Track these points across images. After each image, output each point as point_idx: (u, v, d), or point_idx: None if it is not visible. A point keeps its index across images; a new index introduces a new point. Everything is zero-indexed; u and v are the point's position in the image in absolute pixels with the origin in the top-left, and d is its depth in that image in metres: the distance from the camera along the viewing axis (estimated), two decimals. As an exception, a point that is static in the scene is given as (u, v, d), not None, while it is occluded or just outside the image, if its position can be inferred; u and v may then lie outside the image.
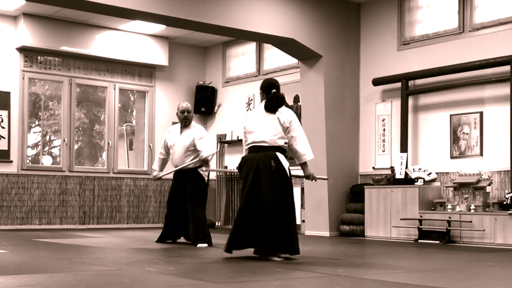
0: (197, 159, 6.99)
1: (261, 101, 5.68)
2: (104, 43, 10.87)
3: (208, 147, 7.06)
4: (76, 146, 11.36)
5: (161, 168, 7.50)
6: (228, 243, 5.47)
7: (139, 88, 11.65)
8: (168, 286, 3.80)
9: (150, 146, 11.61)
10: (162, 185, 11.66)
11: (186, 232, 7.19)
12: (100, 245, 6.95)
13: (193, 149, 7.06)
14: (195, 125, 7.24)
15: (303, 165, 5.66)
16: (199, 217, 7.00)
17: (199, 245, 6.81)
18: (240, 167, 5.63)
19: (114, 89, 11.29)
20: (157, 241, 7.33)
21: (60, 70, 10.76)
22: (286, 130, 5.48)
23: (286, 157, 5.50)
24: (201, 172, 7.11)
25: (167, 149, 7.40)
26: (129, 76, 11.44)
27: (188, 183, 7.10)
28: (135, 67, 11.46)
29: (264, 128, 5.48)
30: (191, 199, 7.05)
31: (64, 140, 10.76)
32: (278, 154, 5.43)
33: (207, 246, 6.77)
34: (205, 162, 7.00)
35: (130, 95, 12.29)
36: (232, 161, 11.53)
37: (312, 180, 5.80)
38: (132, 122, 12.57)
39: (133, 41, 11.14)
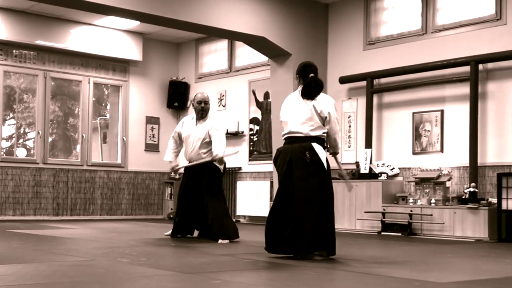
0: (211, 157, 6.45)
1: (298, 87, 5.07)
2: (79, 37, 10.75)
3: (220, 144, 6.44)
4: (50, 139, 11.22)
5: (175, 159, 6.87)
6: (266, 243, 4.94)
7: (113, 82, 11.56)
8: (140, 276, 3.79)
9: (123, 139, 11.53)
10: (135, 178, 11.59)
11: (202, 226, 6.63)
12: (73, 236, 6.89)
13: (208, 141, 6.50)
14: (211, 116, 6.75)
15: (336, 154, 5.19)
16: (218, 209, 6.41)
17: (220, 241, 6.23)
18: (275, 159, 5.08)
19: (89, 83, 11.18)
20: (169, 235, 6.75)
21: (35, 64, 10.62)
22: (324, 119, 4.91)
23: (324, 147, 4.95)
24: (216, 164, 6.52)
25: (179, 141, 6.81)
26: (103, 70, 11.34)
27: (204, 175, 6.50)
28: (109, 61, 11.36)
29: (300, 118, 4.88)
30: (208, 191, 6.46)
31: (39, 133, 10.62)
32: (314, 144, 4.83)
33: (228, 242, 6.21)
34: (219, 161, 6.45)
35: (104, 89, 12.18)
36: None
37: (342, 178, 5.18)
38: (106, 116, 12.45)
39: (108, 36, 11.04)
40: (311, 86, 4.92)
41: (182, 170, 6.94)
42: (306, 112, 4.87)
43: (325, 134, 4.93)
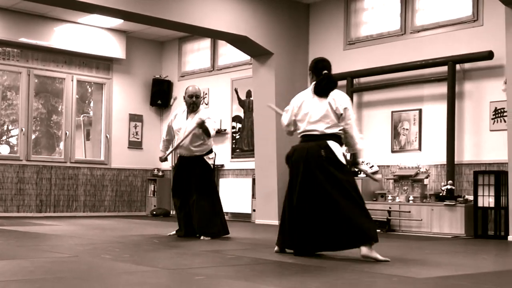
0: (202, 152, 6.35)
1: (311, 83, 4.90)
2: (62, 35, 10.66)
3: (211, 125, 6.30)
4: (33, 136, 11.11)
5: (165, 151, 6.65)
6: (282, 242, 4.82)
7: (96, 80, 11.48)
8: (122, 272, 3.77)
9: (107, 136, 11.46)
10: (118, 175, 11.53)
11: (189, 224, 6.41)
12: (56, 233, 6.83)
13: (199, 134, 6.32)
14: (202, 109, 6.58)
15: (355, 155, 4.89)
16: (204, 209, 6.25)
17: (202, 237, 6.17)
18: (288, 157, 4.89)
19: (72, 80, 11.09)
20: (179, 236, 6.43)
21: (18, 61, 10.51)
22: (339, 117, 4.69)
23: (341, 144, 4.76)
24: (207, 159, 6.42)
25: (172, 134, 6.59)
26: (86, 68, 11.26)
27: (194, 172, 6.35)
28: (92, 59, 11.28)
29: (315, 115, 4.71)
30: (198, 189, 6.31)
31: (22, 130, 10.52)
32: (330, 142, 4.65)
33: (209, 239, 6.12)
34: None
35: (88, 86, 12.09)
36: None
37: (361, 173, 5.06)
38: (89, 113, 12.36)
39: (91, 34, 10.96)
40: (322, 84, 4.75)
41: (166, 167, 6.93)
42: (321, 110, 4.70)
43: (342, 132, 4.73)
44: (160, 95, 11.88)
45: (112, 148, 11.50)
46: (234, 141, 10.70)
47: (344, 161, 4.66)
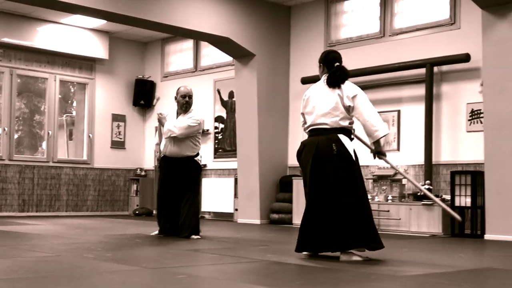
0: (192, 152, 6.24)
1: (321, 76, 4.73)
2: (45, 35, 10.57)
3: (183, 125, 6.15)
4: (16, 136, 10.99)
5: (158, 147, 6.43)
6: (298, 242, 4.57)
7: (79, 80, 11.40)
8: (105, 271, 3.74)
9: (89, 136, 11.38)
10: (101, 175, 11.45)
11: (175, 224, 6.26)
12: (39, 232, 6.76)
13: (193, 135, 6.24)
14: (195, 110, 6.38)
15: (376, 143, 4.61)
16: (191, 209, 6.16)
17: (193, 237, 6.07)
18: (298, 153, 4.67)
19: (55, 80, 11.00)
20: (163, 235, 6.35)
21: (1, 61, 10.41)
22: (349, 108, 4.50)
23: (351, 139, 4.61)
24: (197, 160, 6.34)
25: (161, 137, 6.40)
26: (69, 68, 11.18)
27: (184, 172, 6.21)
28: (75, 59, 11.20)
29: (324, 108, 4.51)
30: (191, 187, 6.20)
31: (4, 129, 10.40)
32: (341, 136, 4.47)
33: (199, 238, 6.06)
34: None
35: (71, 86, 11.99)
36: (169, 152, 11.43)
37: (376, 157, 4.65)
38: (72, 113, 12.26)
39: (74, 35, 10.88)
40: (336, 75, 4.55)
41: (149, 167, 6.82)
42: (331, 101, 4.49)
43: (352, 125, 4.55)
44: (143, 95, 11.82)
45: (94, 148, 11.42)
46: (216, 141, 10.69)
47: (354, 156, 4.48)
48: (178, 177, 6.22)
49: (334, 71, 4.59)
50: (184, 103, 6.26)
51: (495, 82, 6.85)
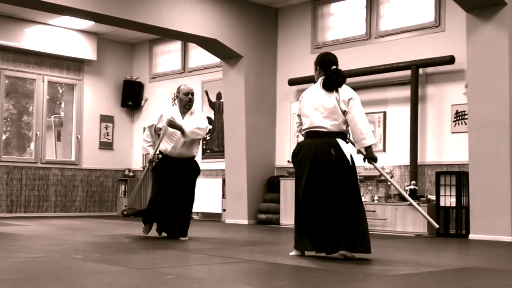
0: (197, 148, 6.16)
1: (317, 78, 4.68)
2: (33, 36, 10.50)
3: (203, 126, 6.10)
4: (4, 137, 10.90)
5: (152, 151, 6.23)
6: (296, 243, 4.57)
7: (67, 81, 11.34)
8: (93, 272, 3.71)
9: (78, 137, 11.32)
10: (89, 175, 11.39)
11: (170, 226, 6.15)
12: (27, 233, 6.71)
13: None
14: (195, 109, 6.27)
15: (369, 149, 4.58)
16: (187, 212, 6.14)
17: (181, 238, 6.00)
18: (294, 154, 4.58)
19: (43, 81, 10.93)
20: (146, 233, 6.26)
21: (-12, 62, 10.32)
22: (344, 112, 4.47)
23: (347, 142, 4.57)
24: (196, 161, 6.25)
25: (155, 134, 6.19)
26: (57, 69, 11.11)
27: (188, 170, 6.10)
28: (63, 60, 11.13)
29: (323, 111, 4.47)
30: (190, 192, 6.14)
31: (-8, 130, 10.32)
32: (339, 140, 4.45)
33: (187, 239, 6.00)
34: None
35: (59, 87, 11.92)
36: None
37: (370, 163, 4.63)
38: (60, 114, 12.19)
39: (62, 36, 10.81)
40: (332, 78, 4.52)
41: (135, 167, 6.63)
42: (328, 105, 4.46)
43: (348, 128, 4.52)
44: (131, 96, 11.78)
45: (83, 148, 11.36)
46: (204, 142, 10.66)
47: (351, 162, 4.45)
48: (180, 178, 6.08)
49: (330, 74, 4.55)
50: (188, 101, 6.13)
51: (479, 84, 6.90)
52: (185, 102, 6.13)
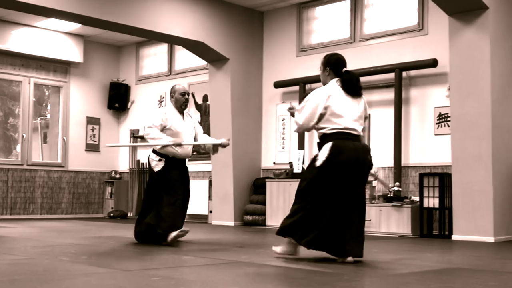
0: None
1: (325, 79, 4.60)
2: (20, 39, 10.42)
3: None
4: (-10, 139, 10.82)
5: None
6: (300, 236, 4.42)
7: (53, 83, 11.27)
8: (79, 274, 3.69)
9: (64, 139, 11.24)
10: (75, 177, 11.32)
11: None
12: (13, 235, 6.65)
13: (193, 137, 6.01)
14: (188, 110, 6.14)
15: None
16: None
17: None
18: (334, 155, 4.34)
19: (29, 83, 10.86)
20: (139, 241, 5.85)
21: (-26, 64, 10.23)
22: (365, 118, 4.58)
23: None
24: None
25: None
26: (44, 71, 11.04)
27: (187, 172, 6.00)
28: (50, 63, 11.07)
29: (354, 114, 4.42)
30: (187, 192, 5.97)
31: (-22, 133, 10.22)
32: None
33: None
34: (225, 145, 5.98)
35: (45, 89, 11.84)
36: (144, 155, 11.35)
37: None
38: (46, 116, 12.11)
39: (49, 38, 10.75)
40: (355, 83, 4.49)
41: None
42: (358, 108, 4.45)
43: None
44: (117, 98, 11.73)
45: (69, 150, 11.29)
46: (190, 144, 10.63)
47: None
48: (186, 180, 5.95)
49: (350, 78, 4.51)
50: (184, 101, 5.93)
51: (462, 87, 6.95)
52: (182, 102, 5.92)
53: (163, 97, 11.17)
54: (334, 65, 4.57)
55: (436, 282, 3.57)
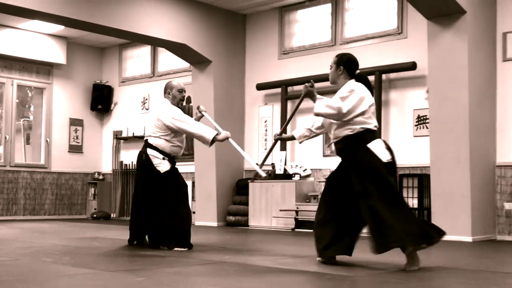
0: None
1: (337, 78, 4.56)
2: (2, 40, 10.31)
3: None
4: (-28, 140, 10.68)
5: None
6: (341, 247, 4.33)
7: (36, 84, 11.16)
8: (63, 275, 3.67)
9: (47, 140, 11.14)
10: (58, 179, 11.22)
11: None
12: (-5, 236, 6.58)
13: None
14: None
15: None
16: None
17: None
18: (390, 151, 4.33)
19: (12, 85, 10.74)
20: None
21: (-44, 66, 10.10)
22: None
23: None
24: None
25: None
26: (27, 73, 10.93)
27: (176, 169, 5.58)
28: (33, 64, 10.96)
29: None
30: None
31: (-40, 134, 10.09)
32: None
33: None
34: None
35: (28, 91, 11.73)
36: (128, 156, 11.29)
37: None
38: (29, 117, 11.99)
39: (32, 40, 10.65)
40: (370, 85, 4.48)
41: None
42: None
43: None
44: (100, 100, 11.66)
45: (52, 152, 11.19)
46: (173, 145, 10.60)
47: None
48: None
49: (367, 81, 4.48)
50: (181, 98, 5.64)
51: (440, 89, 7.02)
52: (179, 99, 5.62)
53: (146, 99, 11.12)
54: (349, 65, 4.49)
55: (416, 281, 3.61)
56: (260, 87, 9.39)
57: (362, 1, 8.56)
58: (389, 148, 4.32)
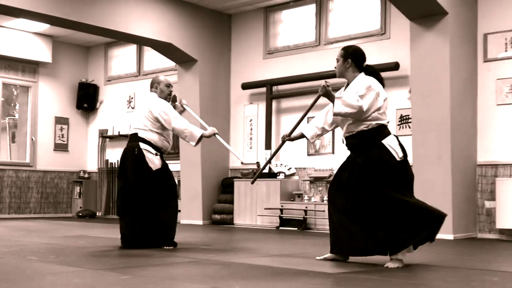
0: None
1: (345, 71, 4.47)
2: (-13, 39, 10.21)
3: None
4: (-44, 138, 10.56)
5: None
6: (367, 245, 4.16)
7: (22, 83, 11.06)
8: (48, 273, 3.63)
9: (32, 139, 11.05)
10: (44, 177, 11.13)
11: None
12: (-20, 235, 6.51)
13: None
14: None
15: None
16: None
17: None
18: (403, 148, 4.22)
19: (-3, 83, 10.64)
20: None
21: None
22: None
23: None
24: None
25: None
26: (12, 71, 10.84)
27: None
28: (18, 62, 10.87)
29: None
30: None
31: None
32: None
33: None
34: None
35: (13, 89, 11.62)
36: (113, 154, 11.23)
37: None
38: (15, 116, 11.88)
39: (17, 38, 10.55)
40: (380, 76, 4.37)
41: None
42: None
43: None
44: (86, 98, 11.58)
45: (37, 150, 11.10)
46: (159, 144, 10.56)
47: None
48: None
49: (377, 73, 4.38)
50: (169, 93, 5.55)
51: (422, 89, 7.06)
52: (167, 93, 5.51)
53: (132, 98, 11.07)
54: (356, 57, 4.37)
55: (398, 278, 3.62)
56: (245, 86, 9.39)
57: (346, 2, 8.58)
58: (401, 145, 4.21)
